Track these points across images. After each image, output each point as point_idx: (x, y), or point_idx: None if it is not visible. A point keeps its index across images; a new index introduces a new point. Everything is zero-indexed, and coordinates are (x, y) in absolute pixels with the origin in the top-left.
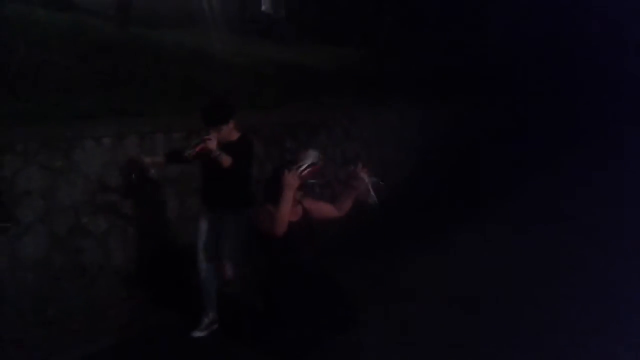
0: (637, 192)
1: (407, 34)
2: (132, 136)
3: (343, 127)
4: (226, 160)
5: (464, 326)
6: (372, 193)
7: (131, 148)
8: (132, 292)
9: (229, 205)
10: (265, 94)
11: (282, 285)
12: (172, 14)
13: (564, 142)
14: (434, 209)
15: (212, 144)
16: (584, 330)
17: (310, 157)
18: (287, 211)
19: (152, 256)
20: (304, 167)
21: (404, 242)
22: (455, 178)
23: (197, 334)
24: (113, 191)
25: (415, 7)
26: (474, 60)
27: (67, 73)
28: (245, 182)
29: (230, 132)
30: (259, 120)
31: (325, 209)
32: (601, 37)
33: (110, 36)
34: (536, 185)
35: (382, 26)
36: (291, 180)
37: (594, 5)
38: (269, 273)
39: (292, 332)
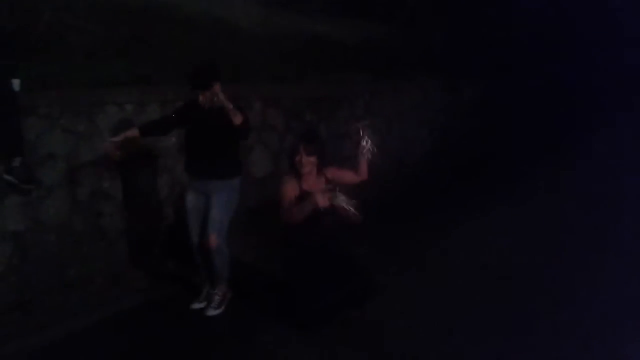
0: None
1: (434, 10)
2: (153, 104)
3: (365, 101)
4: (238, 118)
5: (483, 298)
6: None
7: (153, 115)
8: (151, 258)
9: (216, 175)
10: (287, 66)
11: (298, 259)
12: None
13: (593, 121)
14: (453, 185)
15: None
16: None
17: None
18: (304, 215)
19: (170, 223)
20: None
21: (423, 219)
22: (477, 156)
23: (196, 305)
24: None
25: None
26: (501, 40)
27: (91, 38)
28: (233, 151)
29: (217, 97)
30: (280, 92)
31: (347, 176)
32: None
33: (136, 2)
34: (561, 165)
35: (407, 1)
36: (319, 199)
37: None
38: (285, 245)
39: (306, 306)
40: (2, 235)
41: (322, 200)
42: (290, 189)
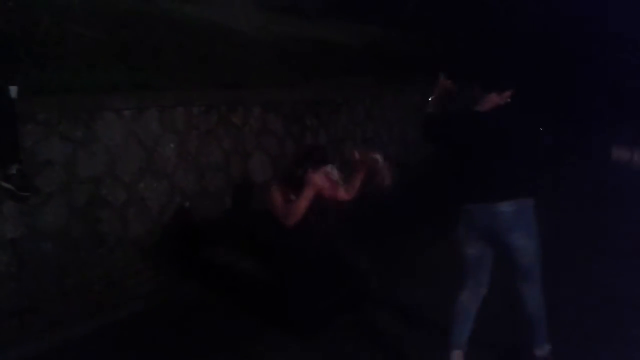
0: None
1: (434, 14)
2: (152, 109)
3: (365, 106)
4: None
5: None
6: (387, 174)
7: (151, 121)
8: (149, 264)
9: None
10: (287, 71)
11: (294, 262)
12: None
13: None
14: (454, 189)
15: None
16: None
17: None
18: (305, 207)
19: (169, 229)
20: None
21: (425, 221)
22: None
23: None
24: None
25: None
26: (500, 43)
27: (90, 44)
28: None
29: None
30: (280, 96)
31: (336, 192)
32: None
33: (134, 8)
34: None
35: (410, 4)
36: (317, 180)
37: None
38: (282, 250)
39: (302, 310)
40: (0, 243)
41: (319, 180)
42: (280, 197)
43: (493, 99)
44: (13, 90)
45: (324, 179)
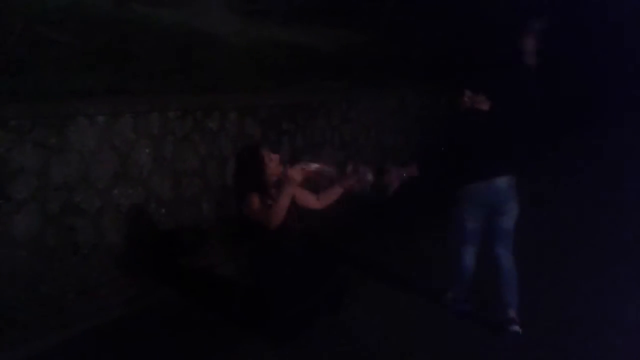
0: None
1: (411, 18)
2: (127, 115)
3: (342, 110)
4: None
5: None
6: (367, 188)
7: (125, 127)
8: (125, 272)
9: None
10: (264, 75)
11: (271, 267)
12: None
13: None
14: (433, 195)
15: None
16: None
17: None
18: (287, 205)
19: (145, 235)
20: (311, 166)
21: (401, 226)
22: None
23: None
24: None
25: None
26: (476, 47)
27: (63, 50)
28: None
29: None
30: (256, 101)
31: (307, 199)
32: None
33: (108, 13)
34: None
35: (385, 9)
36: (294, 175)
37: None
38: (257, 254)
39: (281, 312)
40: None
41: (297, 173)
42: (258, 201)
43: (479, 100)
44: None
45: (302, 172)
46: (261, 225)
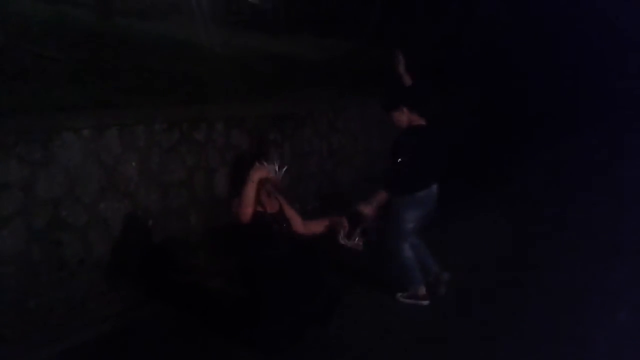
0: None
1: (397, 26)
2: (112, 128)
3: (329, 119)
4: None
5: (451, 325)
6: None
7: (111, 140)
8: (113, 286)
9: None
10: (251, 86)
11: (261, 277)
12: (157, 5)
13: (561, 134)
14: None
15: None
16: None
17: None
18: (249, 197)
19: (133, 249)
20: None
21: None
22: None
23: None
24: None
25: None
26: (465, 54)
27: (48, 64)
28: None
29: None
30: (244, 111)
31: (293, 219)
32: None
33: (92, 27)
34: (527, 181)
35: (371, 17)
36: (257, 170)
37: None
38: (246, 264)
39: (272, 323)
40: None
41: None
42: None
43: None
44: None
45: (266, 170)
46: (245, 228)
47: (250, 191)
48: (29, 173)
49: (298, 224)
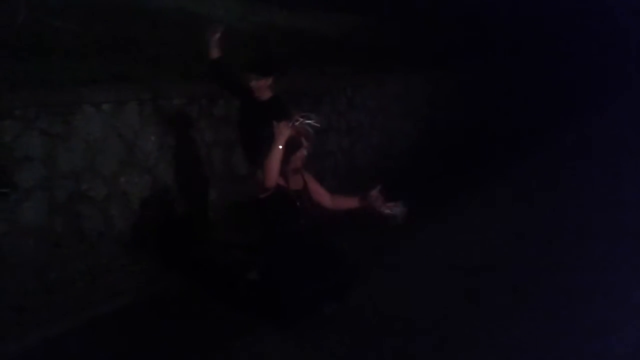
0: None
1: (415, 2)
2: (132, 102)
3: (347, 96)
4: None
5: (464, 298)
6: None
7: (131, 114)
8: (133, 259)
9: None
10: (267, 61)
11: (280, 252)
12: None
13: (569, 111)
14: (438, 179)
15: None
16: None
17: (309, 119)
18: (277, 161)
19: (152, 223)
20: (299, 121)
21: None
22: (460, 148)
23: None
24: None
25: None
26: (483, 30)
27: (67, 37)
28: None
29: (266, 88)
30: None
31: (320, 193)
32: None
33: (112, 1)
34: (541, 155)
35: None
36: (283, 128)
37: None
38: (266, 240)
39: (289, 298)
40: None
41: (284, 128)
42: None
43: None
44: None
45: (290, 128)
46: (268, 202)
47: (277, 153)
48: (50, 146)
49: (327, 200)
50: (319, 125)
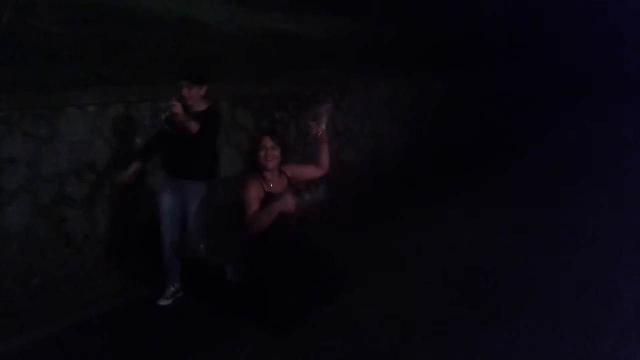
0: None
1: (404, 5)
2: (117, 104)
3: (334, 98)
4: (194, 126)
5: (453, 299)
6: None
7: (116, 117)
8: (118, 262)
9: (192, 176)
10: (256, 65)
11: (266, 257)
12: None
13: (562, 113)
14: (425, 182)
15: (177, 109)
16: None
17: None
18: (269, 221)
19: (138, 227)
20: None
21: (396, 215)
22: (448, 152)
23: (163, 302)
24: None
25: None
26: (471, 33)
27: (53, 39)
28: (208, 153)
29: (199, 97)
30: (249, 91)
31: (308, 171)
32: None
33: (98, 3)
34: (533, 158)
35: None
36: (288, 201)
37: None
38: (251, 243)
39: (277, 301)
40: None
41: (290, 204)
42: (255, 193)
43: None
44: None
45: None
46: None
47: (273, 215)
48: (34, 148)
49: (314, 171)
50: (322, 199)
